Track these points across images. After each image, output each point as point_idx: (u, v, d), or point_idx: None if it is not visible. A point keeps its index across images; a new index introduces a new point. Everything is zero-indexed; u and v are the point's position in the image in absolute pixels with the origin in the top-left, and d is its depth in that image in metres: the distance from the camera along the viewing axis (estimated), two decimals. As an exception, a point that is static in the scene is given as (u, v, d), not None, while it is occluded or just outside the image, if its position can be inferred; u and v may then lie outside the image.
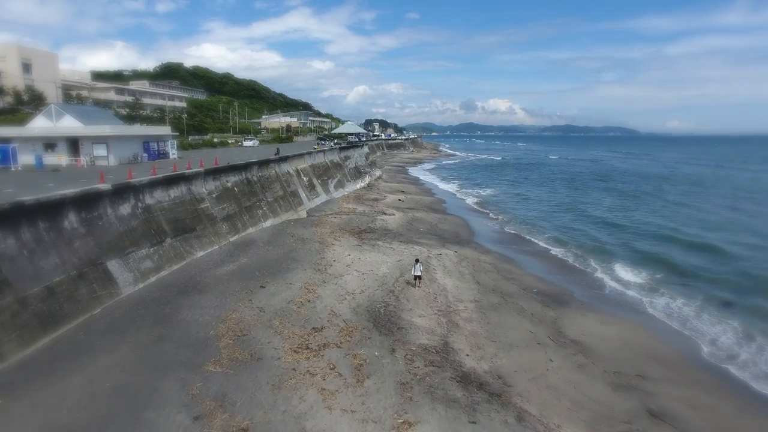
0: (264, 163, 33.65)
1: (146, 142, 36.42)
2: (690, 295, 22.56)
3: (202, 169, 25.09)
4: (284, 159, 38.12)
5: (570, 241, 33.89)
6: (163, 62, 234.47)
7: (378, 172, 73.49)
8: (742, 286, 23.94)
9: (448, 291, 20.83)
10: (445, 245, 30.09)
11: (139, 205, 19.43)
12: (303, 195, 38.70)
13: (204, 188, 24.95)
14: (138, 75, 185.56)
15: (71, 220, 15.58)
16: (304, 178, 41.05)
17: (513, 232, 37.11)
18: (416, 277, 20.03)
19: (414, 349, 14.95)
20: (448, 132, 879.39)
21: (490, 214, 44.86)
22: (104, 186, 17.50)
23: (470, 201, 54.01)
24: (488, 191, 63.63)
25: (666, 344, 17.17)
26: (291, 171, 38.66)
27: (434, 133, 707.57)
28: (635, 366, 15.05)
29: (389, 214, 39.45)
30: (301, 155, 42.85)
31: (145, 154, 35.92)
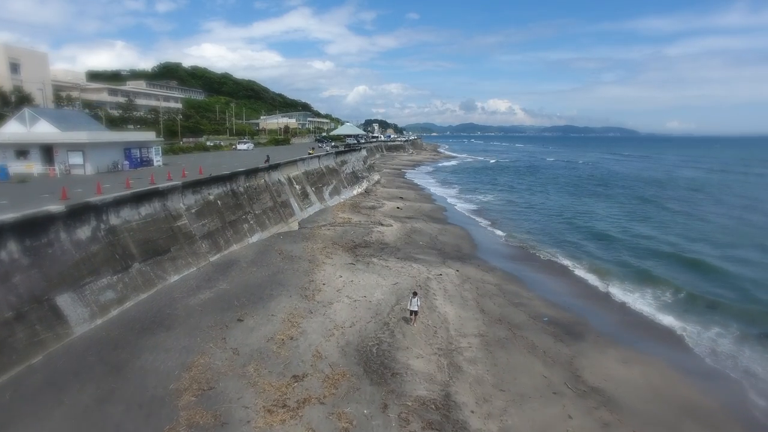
0: (252, 173, 31.44)
1: (128, 148, 34.20)
2: (723, 323, 20.28)
3: (179, 183, 22.88)
4: (275, 167, 35.90)
5: (575, 255, 31.72)
6: (161, 62, 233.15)
7: (376, 177, 71.34)
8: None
9: (449, 322, 18.63)
10: (445, 262, 27.92)
11: (102, 227, 17.22)
12: (295, 205, 36.50)
13: (182, 203, 22.74)
14: (136, 75, 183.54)
15: (10, 250, 13.38)
16: (297, 187, 38.84)
17: (516, 244, 34.90)
18: (412, 312, 17.63)
19: (410, 404, 12.75)
20: (448, 132, 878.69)
21: (491, 224, 42.65)
22: (56, 208, 15.29)
23: (470, 208, 51.84)
24: (488, 197, 61.47)
25: (704, 391, 14.92)
26: (282, 179, 36.45)
27: (434, 134, 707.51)
28: (671, 425, 12.85)
29: (386, 225, 37.27)
30: (293, 162, 40.64)
31: (127, 162, 33.70)
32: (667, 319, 21.08)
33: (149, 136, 37.18)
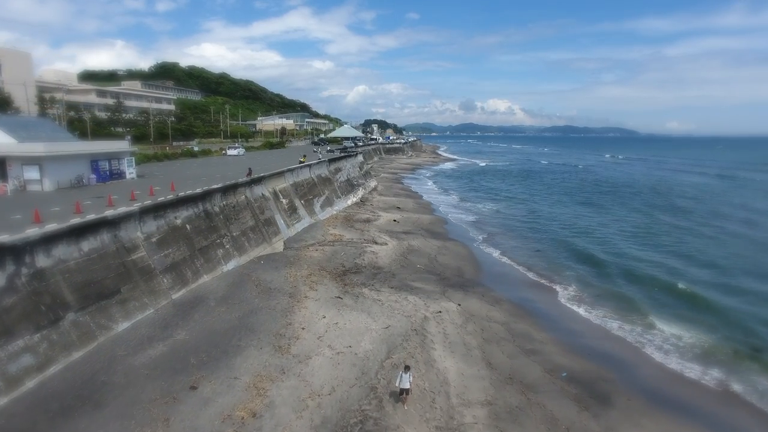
0: (230, 189, 28.24)
1: (95, 160, 30.99)
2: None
3: (136, 208, 19.66)
4: (258, 180, 32.69)
5: (582, 283, 28.50)
6: (159, 62, 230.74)
7: (373, 183, 68.22)
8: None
9: (449, 384, 15.44)
10: (445, 292, 24.80)
11: (23, 272, 14.03)
12: (281, 222, 33.30)
13: (139, 232, 19.54)
14: (132, 75, 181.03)
15: None
16: (284, 201, 35.64)
17: (520, 267, 31.59)
18: (403, 391, 13.93)
19: None
20: (448, 132, 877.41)
21: (493, 240, 39.47)
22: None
23: (470, 220, 48.61)
24: (489, 206, 58.20)
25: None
26: (266, 194, 33.25)
27: (434, 134, 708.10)
28: None
29: (381, 243, 34.11)
30: (281, 173, 37.43)
31: (93, 176, 30.49)
32: (714, 368, 17.99)
33: (121, 145, 33.89)
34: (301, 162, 47.17)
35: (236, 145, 70.75)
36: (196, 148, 63.82)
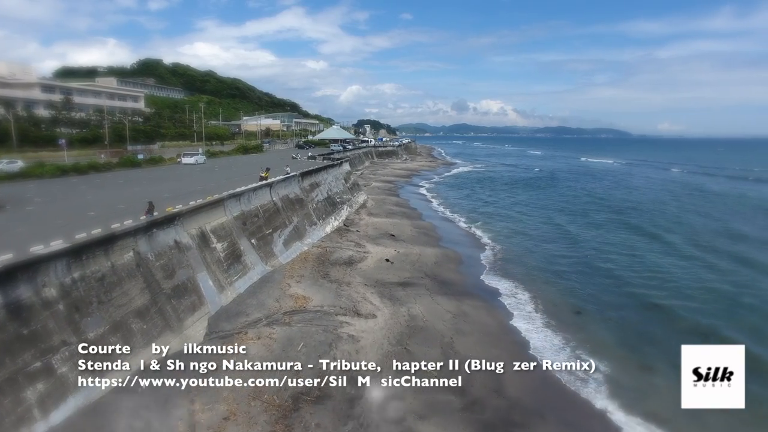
0: (97, 247, 15.90)
1: None
2: None
3: None
4: (169, 220, 20.39)
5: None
6: (141, 59, 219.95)
7: (361, 198, 56.17)
8: None
9: None
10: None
11: None
12: (207, 283, 21.04)
13: None
14: (113, 72, 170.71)
15: None
16: (218, 246, 23.36)
17: (597, 367, 19.57)
18: None
19: None
20: (441, 133, 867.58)
21: (524, 294, 27.59)
22: None
23: (488, 253, 36.73)
24: (498, 227, 46.21)
25: None
26: (184, 240, 20.96)
27: (427, 134, 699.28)
28: None
29: (366, 315, 22.14)
30: (217, 202, 25.13)
31: None
32: None
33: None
34: (262, 178, 35.00)
35: (195, 150, 58.07)
36: (140, 156, 51.17)
